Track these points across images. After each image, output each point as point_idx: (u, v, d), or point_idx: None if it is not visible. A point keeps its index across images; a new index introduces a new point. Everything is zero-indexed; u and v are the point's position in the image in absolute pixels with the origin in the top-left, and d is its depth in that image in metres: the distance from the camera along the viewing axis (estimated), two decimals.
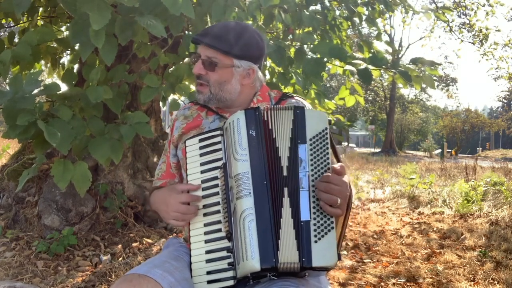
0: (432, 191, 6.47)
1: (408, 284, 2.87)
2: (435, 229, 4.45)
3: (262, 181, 1.11)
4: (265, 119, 1.17)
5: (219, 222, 1.20)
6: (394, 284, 2.86)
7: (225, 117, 1.38)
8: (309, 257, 1.06)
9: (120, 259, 2.98)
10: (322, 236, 1.08)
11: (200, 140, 1.26)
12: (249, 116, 1.16)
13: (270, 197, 1.10)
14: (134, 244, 3.27)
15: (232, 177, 1.15)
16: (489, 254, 3.47)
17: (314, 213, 1.10)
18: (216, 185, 1.22)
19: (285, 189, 1.12)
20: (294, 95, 1.46)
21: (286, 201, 1.11)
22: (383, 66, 2.89)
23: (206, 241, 1.20)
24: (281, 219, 1.10)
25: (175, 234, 3.67)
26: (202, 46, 1.34)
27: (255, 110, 1.17)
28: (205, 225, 1.22)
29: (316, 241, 1.07)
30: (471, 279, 2.96)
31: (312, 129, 1.15)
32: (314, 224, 1.09)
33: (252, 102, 1.40)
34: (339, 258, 1.11)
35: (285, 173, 1.13)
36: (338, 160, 1.26)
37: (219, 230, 1.19)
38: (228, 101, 1.37)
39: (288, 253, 1.07)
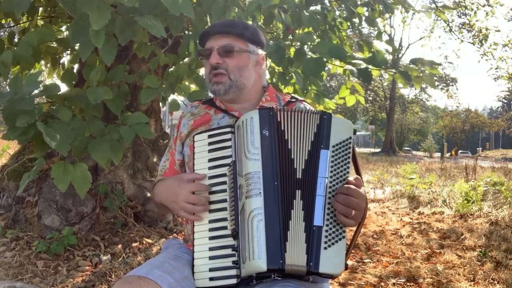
0: (432, 191, 6.47)
1: (408, 284, 2.87)
2: (435, 229, 4.45)
3: (273, 182, 1.10)
4: (278, 120, 1.16)
5: (225, 219, 1.18)
6: (394, 284, 2.86)
7: (234, 115, 1.38)
8: (317, 262, 1.06)
9: (120, 259, 2.98)
10: (333, 243, 1.08)
11: (210, 136, 1.25)
12: (263, 116, 1.16)
13: (280, 198, 1.10)
14: (134, 244, 3.27)
15: (242, 176, 1.14)
16: (489, 254, 3.48)
17: (328, 219, 1.10)
18: (224, 182, 1.20)
19: (298, 192, 1.12)
20: (302, 99, 1.47)
21: (297, 203, 1.11)
22: (383, 66, 2.89)
23: (211, 238, 1.19)
24: (290, 221, 1.09)
25: (175, 235, 3.67)
26: (213, 39, 1.36)
27: (270, 110, 1.16)
28: (210, 221, 1.20)
29: (325, 248, 1.07)
30: (471, 279, 2.96)
31: (336, 136, 1.15)
32: (326, 231, 1.09)
33: (261, 101, 1.40)
34: (346, 268, 1.10)
35: (299, 176, 1.13)
36: (358, 172, 1.25)
37: (225, 228, 1.18)
38: (246, 89, 1.37)
39: (295, 256, 1.07)
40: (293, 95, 1.49)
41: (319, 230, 1.08)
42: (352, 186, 1.12)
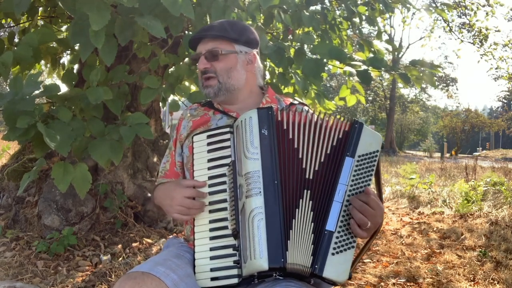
0: (432, 191, 6.47)
1: (408, 284, 2.88)
2: (435, 229, 4.45)
3: (273, 181, 1.10)
4: (279, 119, 1.17)
5: (225, 219, 1.18)
6: (394, 284, 2.86)
7: (232, 116, 1.39)
8: (322, 265, 1.06)
9: (120, 259, 2.99)
10: (341, 251, 1.08)
11: (208, 136, 1.26)
12: (261, 115, 1.16)
13: (281, 197, 1.10)
14: (134, 244, 3.27)
15: (241, 175, 1.14)
16: (489, 254, 3.48)
17: (340, 227, 1.10)
18: (224, 182, 1.20)
19: (306, 192, 1.12)
20: (302, 102, 1.47)
21: (305, 203, 1.11)
22: (383, 68, 2.89)
23: (211, 238, 1.19)
24: (294, 219, 1.09)
25: (175, 234, 3.67)
26: (201, 44, 1.37)
27: (268, 110, 1.17)
28: (211, 222, 1.20)
29: (333, 254, 1.07)
30: (471, 279, 2.97)
31: (364, 147, 1.15)
32: (337, 237, 1.09)
33: (261, 103, 1.41)
34: (350, 277, 1.10)
35: (309, 176, 1.13)
36: (379, 187, 1.24)
37: (225, 228, 1.18)
38: (236, 90, 1.38)
39: (298, 255, 1.07)
40: (295, 99, 1.50)
41: (330, 235, 1.08)
42: (372, 196, 1.11)
